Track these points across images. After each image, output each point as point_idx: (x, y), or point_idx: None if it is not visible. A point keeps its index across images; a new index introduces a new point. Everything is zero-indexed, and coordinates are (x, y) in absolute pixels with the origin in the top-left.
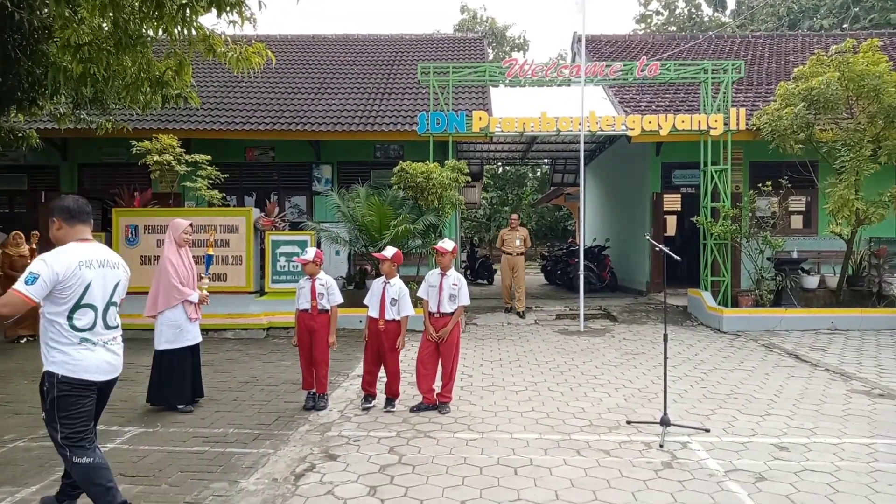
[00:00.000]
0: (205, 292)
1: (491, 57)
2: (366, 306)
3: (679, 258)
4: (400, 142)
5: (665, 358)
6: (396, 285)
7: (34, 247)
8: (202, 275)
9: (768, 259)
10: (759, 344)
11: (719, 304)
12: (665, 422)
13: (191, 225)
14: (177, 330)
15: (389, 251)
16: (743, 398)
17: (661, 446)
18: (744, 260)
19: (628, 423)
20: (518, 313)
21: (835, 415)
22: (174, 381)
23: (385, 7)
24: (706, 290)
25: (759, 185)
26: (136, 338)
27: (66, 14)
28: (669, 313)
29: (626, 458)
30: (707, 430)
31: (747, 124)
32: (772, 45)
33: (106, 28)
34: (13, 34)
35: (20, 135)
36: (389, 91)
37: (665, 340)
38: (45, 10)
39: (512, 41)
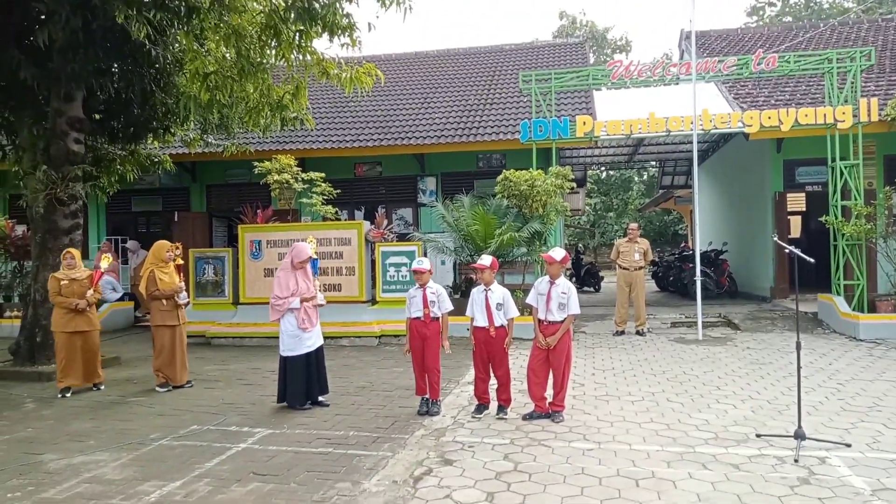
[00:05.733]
0: (318, 296)
1: (592, 61)
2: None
3: (812, 260)
4: (502, 151)
5: (798, 367)
6: (497, 290)
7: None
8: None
9: None
10: None
11: (854, 309)
12: (800, 435)
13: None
14: (295, 339)
15: (487, 259)
16: (888, 411)
17: (797, 461)
18: (880, 262)
19: (758, 436)
20: (638, 331)
21: None
22: (293, 384)
23: (484, 20)
24: (839, 294)
25: None
26: (262, 345)
27: (195, 46)
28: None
29: (757, 473)
30: (848, 445)
31: (880, 115)
32: None
33: (229, 57)
34: (149, 69)
35: (156, 160)
36: (491, 101)
37: (798, 348)
38: (177, 45)
39: (613, 43)
